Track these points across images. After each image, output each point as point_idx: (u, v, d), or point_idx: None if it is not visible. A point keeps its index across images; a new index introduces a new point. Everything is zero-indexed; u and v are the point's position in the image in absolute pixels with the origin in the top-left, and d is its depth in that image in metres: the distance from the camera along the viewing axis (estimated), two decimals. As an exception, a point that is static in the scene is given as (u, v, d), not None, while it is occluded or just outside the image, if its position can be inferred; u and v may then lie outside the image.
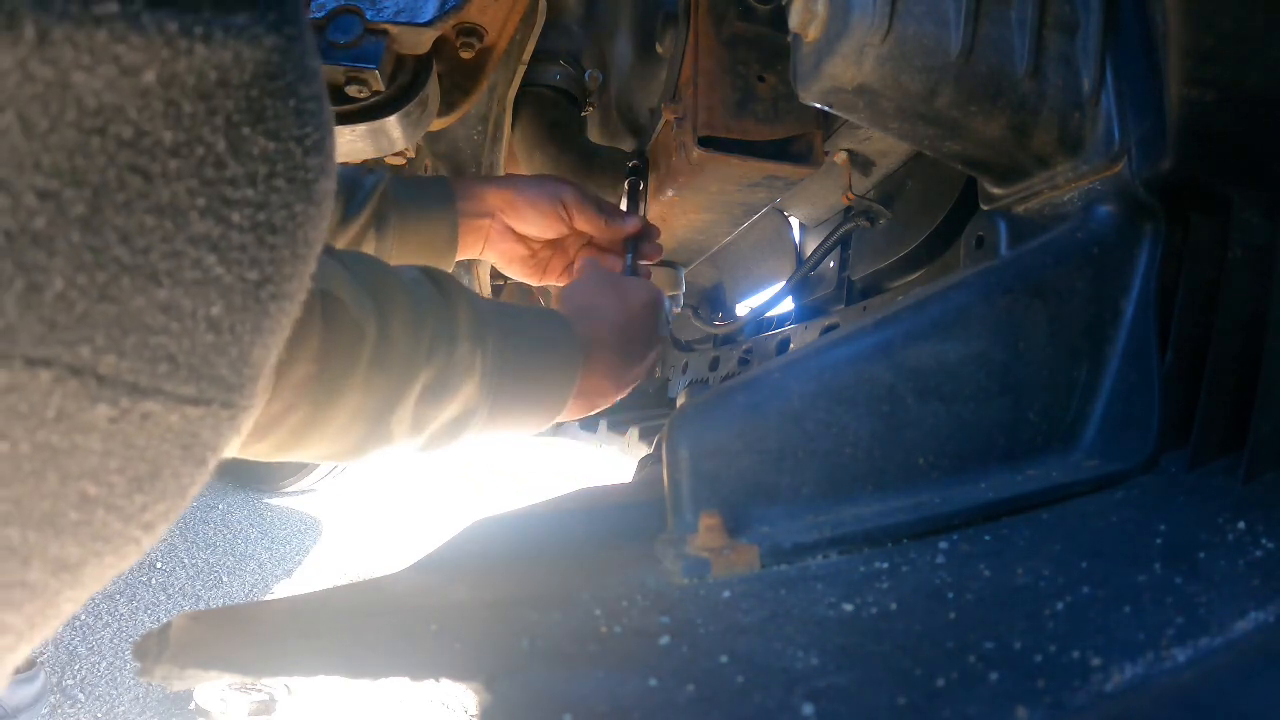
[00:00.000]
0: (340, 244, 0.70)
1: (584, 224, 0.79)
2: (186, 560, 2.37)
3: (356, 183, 0.71)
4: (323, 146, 0.24)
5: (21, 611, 0.21)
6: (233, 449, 0.43)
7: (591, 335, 0.62)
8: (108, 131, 0.18)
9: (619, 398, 0.67)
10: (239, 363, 0.23)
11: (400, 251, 0.74)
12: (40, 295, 0.18)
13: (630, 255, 0.81)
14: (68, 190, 0.18)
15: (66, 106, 0.18)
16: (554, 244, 0.82)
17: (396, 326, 0.47)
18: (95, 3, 0.17)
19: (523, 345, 0.56)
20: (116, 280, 0.19)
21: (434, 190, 0.76)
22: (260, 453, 0.46)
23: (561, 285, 0.84)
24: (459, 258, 0.80)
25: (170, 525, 0.24)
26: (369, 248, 0.72)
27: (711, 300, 1.49)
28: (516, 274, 0.82)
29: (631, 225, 0.80)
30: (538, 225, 0.78)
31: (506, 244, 0.79)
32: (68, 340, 0.19)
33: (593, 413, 0.66)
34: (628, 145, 1.04)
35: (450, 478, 3.57)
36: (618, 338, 0.64)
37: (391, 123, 0.82)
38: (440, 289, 0.51)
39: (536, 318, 0.59)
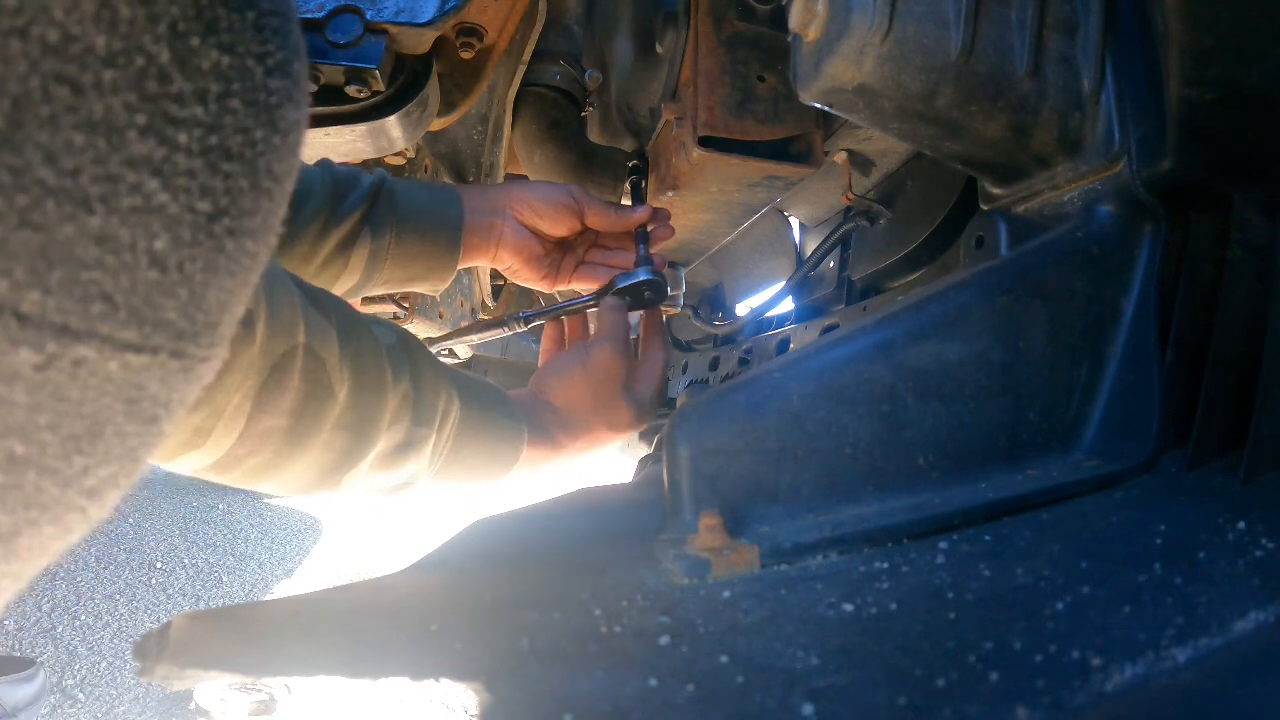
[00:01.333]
0: (333, 240, 0.69)
1: (596, 219, 0.79)
2: (186, 560, 2.37)
3: (354, 180, 0.71)
4: (288, 69, 0.21)
5: None
6: (191, 466, 0.45)
7: (540, 418, 0.67)
8: (29, 34, 0.16)
9: (580, 454, 0.71)
10: (190, 306, 0.20)
11: (398, 252, 0.73)
12: None
13: (643, 245, 0.81)
14: None
15: None
16: (564, 244, 0.82)
17: (365, 395, 0.50)
18: None
19: (474, 437, 0.61)
20: (40, 205, 0.17)
21: (441, 195, 0.76)
22: (223, 481, 0.49)
23: (574, 287, 0.85)
24: (472, 262, 0.79)
25: (122, 493, 0.22)
26: (364, 248, 0.71)
27: (711, 300, 1.49)
28: (530, 277, 0.82)
29: (641, 214, 0.81)
30: (553, 221, 0.78)
31: (522, 241, 0.78)
32: None
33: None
34: (628, 145, 1.04)
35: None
36: (572, 413, 0.69)
37: (391, 123, 0.82)
38: (412, 362, 0.54)
39: (492, 408, 0.63)
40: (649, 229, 0.82)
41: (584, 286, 0.84)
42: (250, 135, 0.20)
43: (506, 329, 0.84)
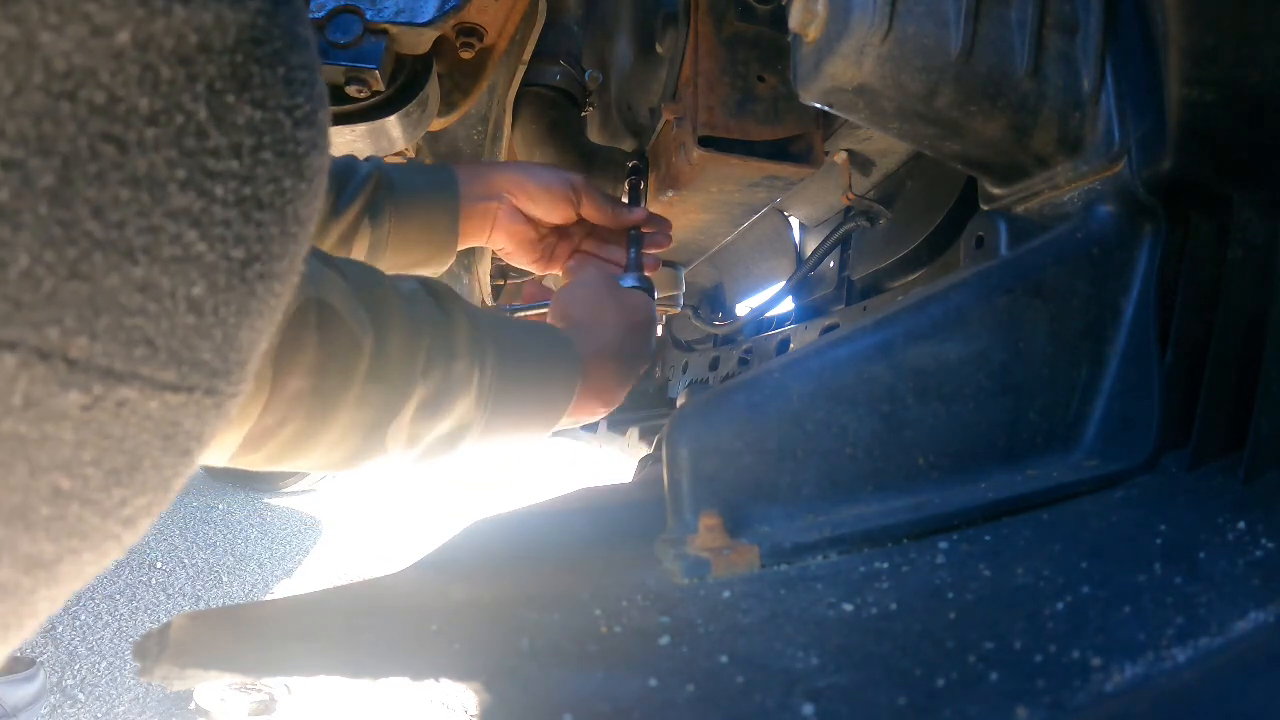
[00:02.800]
0: (334, 234, 0.69)
1: (592, 212, 0.79)
2: (186, 560, 2.37)
3: (350, 171, 0.71)
4: (314, 119, 0.22)
5: None
6: (224, 452, 0.43)
7: (590, 351, 0.63)
8: (78, 96, 0.17)
9: (609, 411, 0.68)
10: (224, 347, 0.21)
11: (398, 240, 0.73)
12: (4, 273, 0.17)
13: (634, 249, 0.81)
14: (34, 159, 0.17)
15: (33, 69, 0.16)
16: (559, 231, 0.82)
17: (393, 340, 0.47)
18: None
19: (521, 361, 0.56)
20: (88, 256, 0.18)
21: (436, 177, 0.76)
22: (254, 463, 0.46)
23: (561, 274, 0.84)
24: (468, 244, 0.79)
25: (153, 520, 0.23)
26: (364, 238, 0.71)
27: (711, 300, 1.49)
28: (523, 260, 0.82)
29: (638, 215, 0.81)
30: (548, 208, 0.78)
31: (516, 226, 0.78)
32: (35, 321, 0.17)
33: (583, 423, 0.67)
34: (628, 145, 1.04)
35: (450, 478, 3.58)
36: (616, 353, 0.65)
37: (391, 123, 0.82)
38: (439, 302, 0.51)
39: (535, 333, 0.59)
40: (644, 231, 0.82)
41: None
42: (280, 184, 0.21)
43: None
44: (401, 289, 0.50)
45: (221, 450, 0.44)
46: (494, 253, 0.83)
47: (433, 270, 0.78)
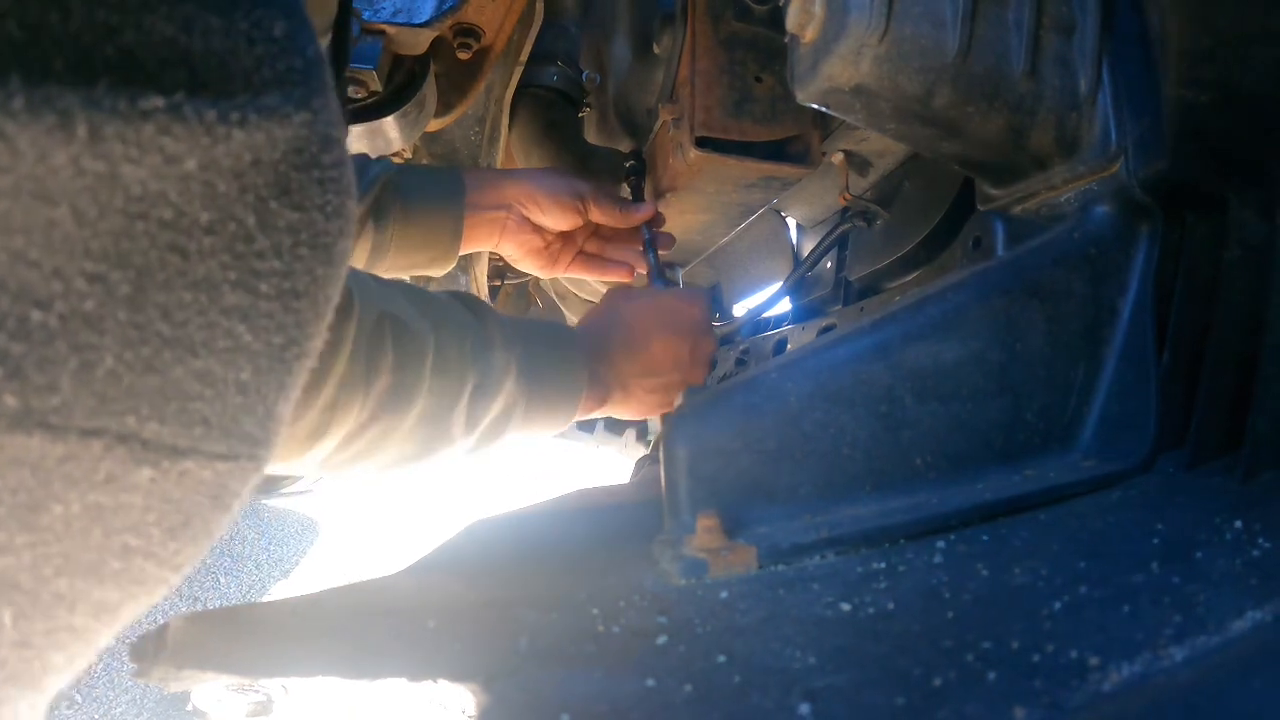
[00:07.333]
0: None
1: (601, 216, 0.81)
2: (183, 561, 2.37)
3: (361, 171, 0.71)
4: (343, 210, 0.25)
5: (65, 651, 0.23)
6: (320, 454, 0.49)
7: (592, 337, 0.67)
8: (150, 215, 0.20)
9: (635, 403, 0.69)
10: (265, 419, 0.25)
11: (400, 244, 0.74)
12: (92, 372, 0.20)
13: (652, 254, 0.83)
14: (114, 272, 0.19)
15: (114, 195, 0.19)
16: (564, 235, 0.84)
17: (448, 339, 0.54)
18: (141, 98, 0.19)
19: (541, 348, 0.63)
20: (159, 354, 0.21)
21: (444, 184, 0.77)
22: (339, 463, 0.52)
23: (568, 275, 0.87)
24: (475, 249, 0.81)
25: (196, 564, 0.26)
26: (366, 240, 0.72)
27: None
28: (530, 265, 0.84)
29: (645, 211, 0.83)
30: (556, 217, 0.79)
31: (524, 235, 0.80)
32: (116, 411, 0.20)
33: (608, 412, 0.70)
34: (625, 146, 1.03)
35: (448, 479, 3.57)
36: (618, 339, 0.68)
37: (389, 123, 0.82)
38: (469, 307, 0.59)
39: (546, 326, 0.66)
40: (654, 230, 0.83)
41: (581, 274, 0.85)
42: (314, 274, 0.24)
43: None
44: (440, 299, 0.57)
45: (319, 453, 0.49)
46: (496, 256, 0.84)
47: (433, 274, 0.80)
